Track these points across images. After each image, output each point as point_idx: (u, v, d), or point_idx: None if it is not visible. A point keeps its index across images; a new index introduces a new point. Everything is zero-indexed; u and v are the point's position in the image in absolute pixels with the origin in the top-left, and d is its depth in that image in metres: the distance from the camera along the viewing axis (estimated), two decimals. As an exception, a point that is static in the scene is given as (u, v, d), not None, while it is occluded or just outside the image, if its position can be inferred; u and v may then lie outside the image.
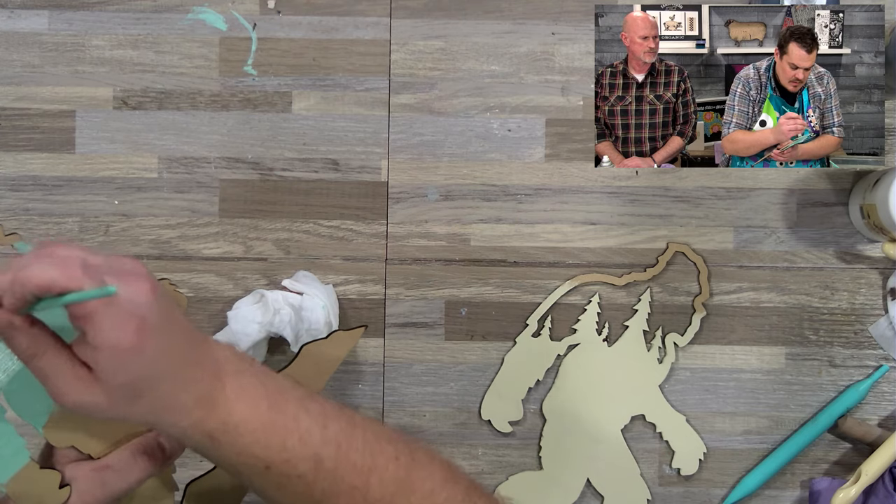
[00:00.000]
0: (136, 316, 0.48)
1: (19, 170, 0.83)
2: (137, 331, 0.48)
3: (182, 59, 0.83)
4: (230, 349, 0.55)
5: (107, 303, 0.47)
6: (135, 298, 0.48)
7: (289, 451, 0.53)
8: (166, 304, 0.51)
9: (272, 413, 0.53)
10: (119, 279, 0.48)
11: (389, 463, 0.55)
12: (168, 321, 0.50)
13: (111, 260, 0.50)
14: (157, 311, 0.49)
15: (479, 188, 0.83)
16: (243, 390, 0.53)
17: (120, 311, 0.47)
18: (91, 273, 0.47)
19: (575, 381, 0.83)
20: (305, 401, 0.55)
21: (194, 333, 0.53)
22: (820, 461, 0.83)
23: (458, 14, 0.84)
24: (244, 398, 0.53)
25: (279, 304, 0.76)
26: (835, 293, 0.83)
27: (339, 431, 0.55)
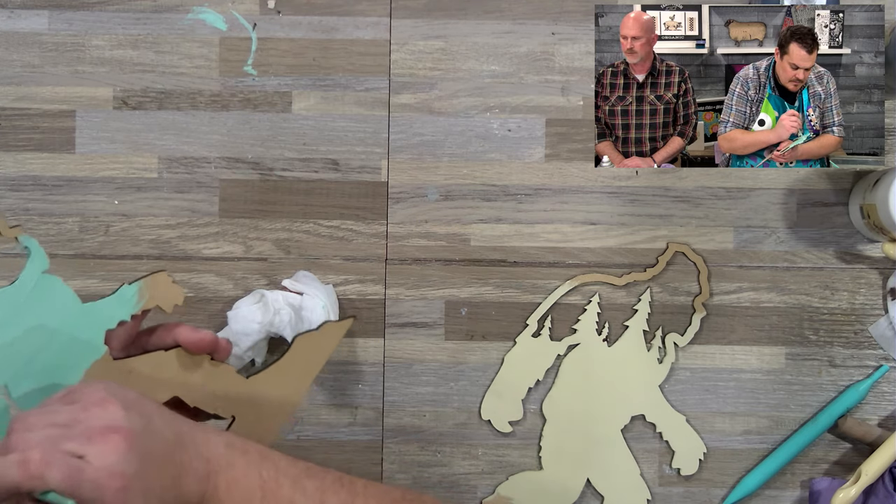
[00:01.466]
0: (115, 474, 0.48)
1: (19, 170, 0.83)
2: (120, 490, 0.48)
3: (182, 59, 0.83)
4: (221, 439, 0.55)
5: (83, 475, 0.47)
6: (107, 459, 0.48)
7: None
8: (144, 439, 0.51)
9: (265, 501, 0.54)
10: (89, 441, 0.49)
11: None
12: (148, 457, 0.50)
13: (76, 412, 0.50)
14: (134, 458, 0.49)
15: (479, 188, 0.83)
16: (235, 485, 0.54)
17: (99, 479, 0.48)
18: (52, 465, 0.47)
19: (575, 381, 0.83)
20: (302, 480, 0.56)
21: (180, 439, 0.53)
22: (820, 461, 0.83)
23: (458, 14, 0.84)
24: (236, 493, 0.54)
25: (279, 304, 0.76)
26: (835, 293, 0.83)
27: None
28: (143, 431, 0.51)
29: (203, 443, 0.55)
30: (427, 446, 0.83)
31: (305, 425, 0.82)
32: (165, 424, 0.53)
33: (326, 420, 0.82)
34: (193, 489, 0.53)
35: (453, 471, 0.83)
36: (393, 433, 0.83)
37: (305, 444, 0.83)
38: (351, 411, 0.83)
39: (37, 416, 0.50)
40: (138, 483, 0.49)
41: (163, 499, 0.51)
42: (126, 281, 0.60)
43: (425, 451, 0.83)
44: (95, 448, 0.48)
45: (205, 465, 0.54)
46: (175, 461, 0.53)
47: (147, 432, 0.51)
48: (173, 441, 0.53)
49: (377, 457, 0.82)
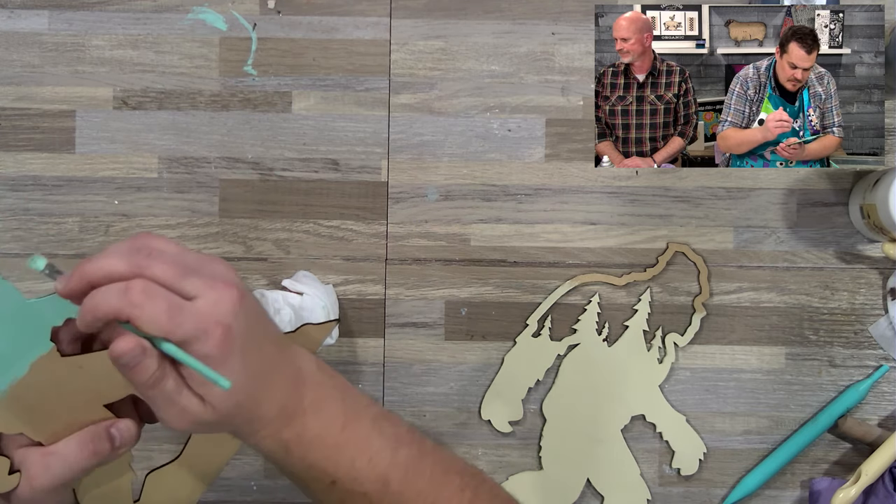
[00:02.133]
0: (221, 324, 0.48)
1: (19, 170, 0.83)
2: (223, 339, 0.48)
3: (182, 59, 0.83)
4: (313, 359, 0.55)
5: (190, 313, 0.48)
6: (220, 307, 0.48)
7: (357, 470, 0.53)
8: (253, 310, 0.51)
9: (346, 431, 0.54)
10: (207, 285, 0.48)
11: (454, 495, 0.55)
12: (253, 328, 0.50)
13: (204, 261, 0.50)
14: (242, 319, 0.49)
15: (479, 188, 0.83)
16: (321, 405, 0.54)
17: (205, 322, 0.48)
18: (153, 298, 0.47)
19: (575, 381, 0.83)
20: (380, 421, 0.55)
21: (280, 340, 0.54)
22: (820, 461, 0.83)
23: (458, 14, 0.84)
24: (321, 413, 0.53)
25: (279, 304, 0.76)
26: (835, 293, 0.83)
27: (409, 456, 0.55)
28: (255, 308, 0.51)
29: (299, 354, 0.55)
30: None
31: (305, 425, 0.82)
32: (268, 318, 0.53)
33: (326, 420, 0.82)
34: (282, 391, 0.52)
35: (453, 471, 0.83)
36: (393, 433, 0.83)
37: (305, 444, 0.82)
38: (351, 411, 0.83)
39: (166, 244, 0.50)
40: (239, 343, 0.49)
41: (257, 378, 0.51)
42: None
43: (425, 451, 0.83)
44: (213, 293, 0.48)
45: (296, 374, 0.53)
46: (274, 353, 0.52)
47: (257, 312, 0.51)
48: (275, 336, 0.53)
49: (377, 457, 0.82)
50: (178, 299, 0.48)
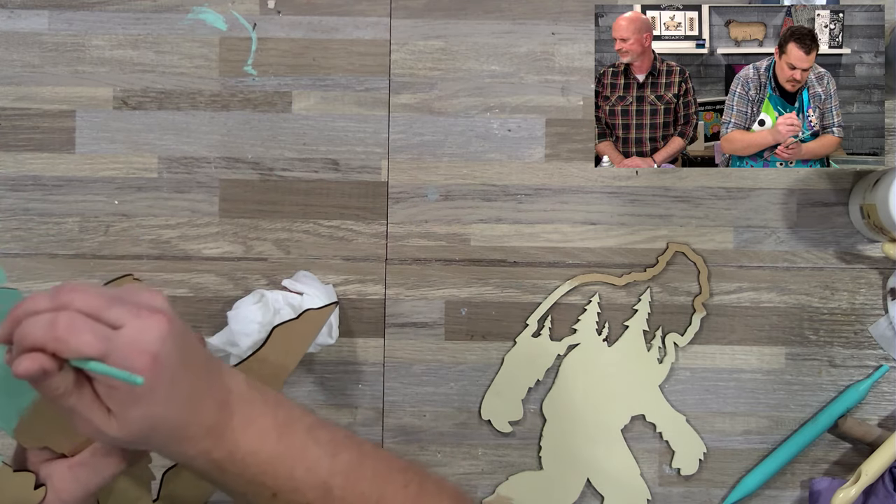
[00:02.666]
0: (148, 353, 0.48)
1: (19, 170, 0.83)
2: (151, 366, 0.48)
3: (182, 59, 0.83)
4: (241, 377, 0.56)
5: (117, 342, 0.48)
6: (146, 334, 0.49)
7: (297, 480, 0.54)
8: (181, 335, 0.51)
9: (280, 444, 0.54)
10: (132, 313, 0.49)
11: (398, 492, 0.55)
12: (181, 352, 0.51)
13: (129, 292, 0.51)
14: (170, 345, 0.49)
15: (479, 188, 0.83)
16: (252, 421, 0.54)
17: (132, 349, 0.48)
18: (78, 329, 0.47)
19: (575, 381, 0.83)
20: (315, 430, 0.56)
21: (208, 362, 0.54)
22: (820, 461, 0.83)
23: (458, 14, 0.84)
24: (252, 429, 0.54)
25: (279, 305, 0.76)
26: (835, 293, 0.83)
27: (348, 461, 0.55)
28: (183, 333, 0.51)
29: (228, 374, 0.55)
30: (427, 446, 0.83)
31: (305, 425, 0.82)
32: (195, 342, 0.54)
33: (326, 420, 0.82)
34: (209, 413, 0.53)
35: (453, 471, 0.83)
36: (393, 433, 0.83)
37: (305, 444, 0.82)
38: (351, 411, 0.83)
39: (91, 285, 0.50)
40: (168, 372, 0.49)
41: (184, 403, 0.51)
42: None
43: (425, 451, 0.83)
44: (138, 321, 0.49)
45: (225, 395, 0.54)
46: (202, 377, 0.53)
47: (185, 336, 0.52)
48: (203, 358, 0.54)
49: (377, 457, 0.82)
50: (104, 328, 0.48)
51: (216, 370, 0.55)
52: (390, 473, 0.56)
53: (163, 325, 0.49)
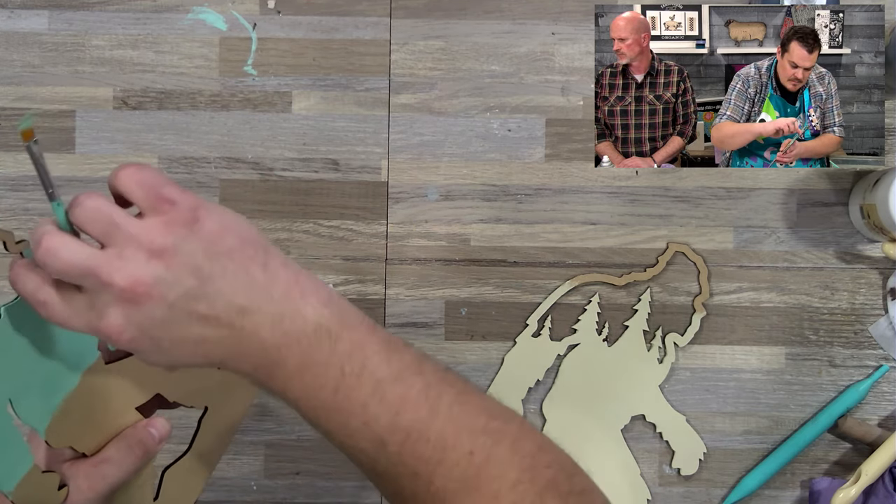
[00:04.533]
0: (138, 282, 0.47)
1: (19, 170, 0.83)
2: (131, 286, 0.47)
3: (182, 59, 0.83)
4: (317, 318, 0.51)
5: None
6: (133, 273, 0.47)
7: (350, 429, 0.51)
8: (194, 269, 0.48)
9: (337, 396, 0.51)
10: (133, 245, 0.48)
11: (461, 458, 0.51)
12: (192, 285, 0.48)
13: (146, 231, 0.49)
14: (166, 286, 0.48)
15: (479, 188, 0.83)
16: (307, 369, 0.50)
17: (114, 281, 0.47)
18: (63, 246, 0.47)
19: (575, 381, 0.83)
20: (385, 386, 0.51)
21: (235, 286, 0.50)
22: (820, 461, 0.83)
23: (458, 14, 0.84)
24: (306, 377, 0.50)
25: None
26: (835, 293, 0.83)
27: (413, 420, 0.51)
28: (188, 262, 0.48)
29: (293, 316, 0.50)
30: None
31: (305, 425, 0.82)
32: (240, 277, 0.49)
33: (326, 420, 0.82)
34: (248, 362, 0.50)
35: (453, 471, 0.83)
36: (393, 433, 0.83)
37: (306, 443, 0.83)
38: (351, 411, 0.83)
39: (89, 216, 0.48)
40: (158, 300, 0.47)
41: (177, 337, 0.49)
42: None
43: (425, 451, 0.83)
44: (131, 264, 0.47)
45: (281, 337, 0.50)
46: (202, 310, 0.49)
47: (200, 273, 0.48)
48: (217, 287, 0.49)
49: (377, 457, 0.82)
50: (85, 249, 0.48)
51: (272, 305, 0.50)
52: (459, 437, 0.52)
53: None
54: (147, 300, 0.47)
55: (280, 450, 0.83)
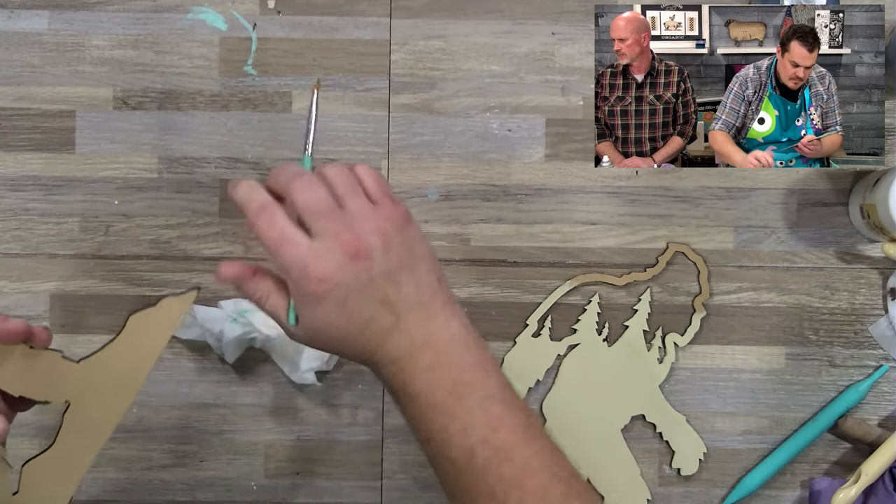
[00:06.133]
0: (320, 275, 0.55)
1: (19, 170, 0.83)
2: (317, 284, 0.54)
3: (182, 59, 0.83)
4: (459, 325, 0.59)
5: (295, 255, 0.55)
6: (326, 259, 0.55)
7: (449, 432, 0.55)
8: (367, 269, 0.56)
9: (449, 399, 0.56)
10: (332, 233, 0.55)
11: (538, 489, 0.55)
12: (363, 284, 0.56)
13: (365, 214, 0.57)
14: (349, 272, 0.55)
15: (479, 188, 0.83)
16: (432, 370, 0.57)
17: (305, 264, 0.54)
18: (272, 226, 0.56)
19: (575, 381, 0.83)
20: (490, 401, 0.57)
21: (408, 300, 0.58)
22: (820, 461, 0.83)
23: (458, 14, 0.84)
24: (431, 375, 0.57)
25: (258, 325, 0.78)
26: (835, 293, 0.83)
27: (505, 440, 0.56)
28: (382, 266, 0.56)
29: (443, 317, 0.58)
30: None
31: (305, 425, 0.82)
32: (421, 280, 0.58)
33: (326, 420, 0.82)
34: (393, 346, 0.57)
35: (453, 471, 0.83)
36: (393, 433, 0.83)
37: (305, 444, 0.83)
38: (351, 411, 0.83)
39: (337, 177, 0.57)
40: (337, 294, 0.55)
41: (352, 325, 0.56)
42: None
43: (425, 451, 0.83)
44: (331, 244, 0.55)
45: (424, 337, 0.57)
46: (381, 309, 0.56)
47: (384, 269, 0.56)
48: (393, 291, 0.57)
49: (377, 457, 0.82)
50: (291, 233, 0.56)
51: (421, 308, 0.57)
52: (541, 471, 0.56)
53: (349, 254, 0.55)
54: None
55: (280, 450, 0.83)
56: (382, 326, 0.56)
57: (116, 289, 0.82)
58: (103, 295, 0.82)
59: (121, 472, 0.82)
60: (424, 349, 0.57)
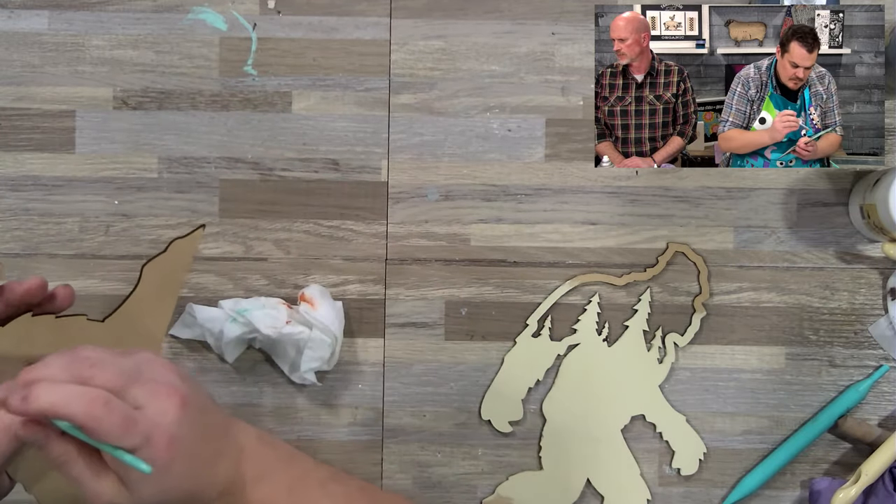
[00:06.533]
0: (167, 435, 0.49)
1: (19, 170, 0.83)
2: (168, 448, 0.49)
3: (182, 59, 0.83)
4: (254, 433, 0.57)
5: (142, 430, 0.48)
6: (165, 417, 0.49)
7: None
8: (196, 407, 0.52)
9: (291, 498, 0.55)
10: (151, 394, 0.50)
11: None
12: (196, 426, 0.52)
13: (143, 365, 0.51)
14: (186, 423, 0.50)
15: (479, 188, 0.83)
16: (264, 475, 0.55)
17: (152, 433, 0.49)
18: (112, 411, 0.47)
19: (575, 381, 0.83)
20: (329, 484, 0.57)
21: (221, 424, 0.55)
22: (820, 461, 0.83)
23: (458, 14, 0.84)
24: (264, 483, 0.55)
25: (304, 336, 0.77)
26: (835, 293, 0.83)
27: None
28: (199, 405, 0.52)
29: (241, 430, 0.56)
30: (427, 446, 0.83)
31: (305, 425, 0.82)
32: (210, 405, 0.54)
33: (326, 420, 0.82)
34: (224, 474, 0.54)
35: (453, 471, 0.83)
36: (393, 433, 0.83)
37: (305, 444, 0.83)
38: (351, 411, 0.83)
39: (104, 354, 0.51)
40: (184, 449, 0.50)
41: (199, 473, 0.52)
42: None
43: (425, 451, 0.83)
44: (157, 402, 0.49)
45: (238, 454, 0.55)
46: (216, 441, 0.54)
47: (201, 407, 0.53)
48: (218, 422, 0.55)
49: (377, 457, 0.82)
50: (131, 410, 0.49)
51: (229, 430, 0.56)
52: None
53: (177, 405, 0.50)
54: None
55: (280, 450, 0.82)
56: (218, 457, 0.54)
57: (116, 289, 0.82)
58: (103, 295, 0.82)
59: (121, 472, 0.82)
60: (243, 467, 0.55)
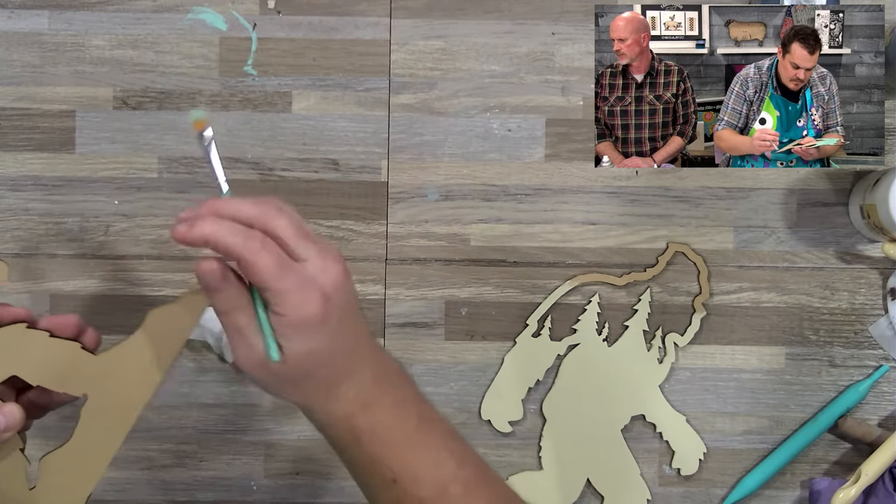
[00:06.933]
0: (323, 292, 0.50)
1: (19, 170, 0.83)
2: (322, 304, 0.50)
3: (182, 59, 0.83)
4: (396, 362, 0.57)
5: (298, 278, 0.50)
6: (326, 276, 0.51)
7: (420, 472, 0.54)
8: (353, 293, 0.53)
9: (418, 434, 0.55)
10: (318, 253, 0.51)
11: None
12: (349, 308, 0.53)
13: (319, 237, 0.53)
14: (342, 295, 0.51)
15: (479, 188, 0.83)
16: (400, 403, 0.55)
17: (309, 285, 0.50)
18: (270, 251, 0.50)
19: (575, 381, 0.83)
20: (449, 436, 0.57)
21: (368, 333, 0.56)
22: (820, 461, 0.83)
23: (458, 14, 0.84)
24: (399, 410, 0.55)
25: None
26: (835, 293, 0.83)
27: (472, 475, 0.56)
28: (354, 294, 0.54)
29: (384, 354, 0.57)
30: None
31: (305, 425, 0.82)
32: (362, 315, 0.56)
33: (326, 420, 0.82)
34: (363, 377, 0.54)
35: (453, 471, 0.83)
36: (393, 433, 0.83)
37: (305, 444, 0.83)
38: (351, 411, 0.83)
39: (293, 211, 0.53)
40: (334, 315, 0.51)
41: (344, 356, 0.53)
42: None
43: (425, 451, 0.83)
44: (321, 262, 0.51)
45: (379, 368, 0.56)
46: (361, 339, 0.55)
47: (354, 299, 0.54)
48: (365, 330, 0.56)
49: (377, 457, 0.82)
50: (287, 258, 0.50)
51: (375, 345, 0.56)
52: (506, 502, 0.57)
53: (341, 272, 0.51)
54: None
55: (280, 450, 0.83)
56: (363, 352, 0.54)
57: (116, 289, 0.82)
58: (103, 295, 0.82)
59: (121, 472, 0.82)
60: (383, 385, 0.55)
